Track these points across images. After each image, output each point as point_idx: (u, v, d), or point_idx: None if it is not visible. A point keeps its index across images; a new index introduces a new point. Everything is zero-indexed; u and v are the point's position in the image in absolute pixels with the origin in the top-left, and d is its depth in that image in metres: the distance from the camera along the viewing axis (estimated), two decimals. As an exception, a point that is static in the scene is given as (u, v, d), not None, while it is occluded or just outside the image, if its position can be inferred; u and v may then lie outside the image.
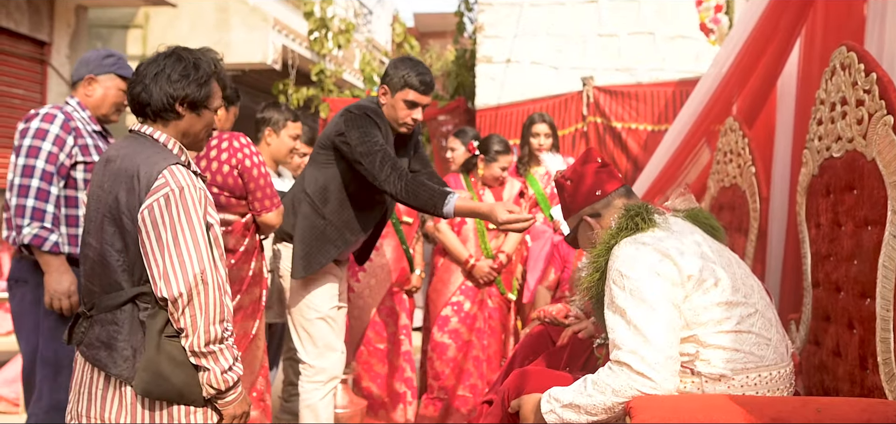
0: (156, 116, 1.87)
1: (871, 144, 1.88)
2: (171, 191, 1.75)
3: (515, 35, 5.83)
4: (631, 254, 1.81)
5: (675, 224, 1.94)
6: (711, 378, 1.77)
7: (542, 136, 4.05)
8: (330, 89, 7.92)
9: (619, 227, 1.91)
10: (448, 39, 8.54)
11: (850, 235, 2.00)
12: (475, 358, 3.80)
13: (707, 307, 1.78)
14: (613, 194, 2.06)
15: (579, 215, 2.10)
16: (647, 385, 1.70)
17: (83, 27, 7.41)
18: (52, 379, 2.56)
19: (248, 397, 1.92)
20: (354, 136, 2.69)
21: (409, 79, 2.76)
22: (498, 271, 3.79)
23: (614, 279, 1.81)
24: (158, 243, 1.74)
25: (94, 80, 2.69)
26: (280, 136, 3.39)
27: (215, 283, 1.77)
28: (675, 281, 1.77)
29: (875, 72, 1.88)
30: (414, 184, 2.63)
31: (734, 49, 3.39)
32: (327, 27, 8.07)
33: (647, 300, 1.74)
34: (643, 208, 1.93)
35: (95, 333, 1.83)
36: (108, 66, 2.71)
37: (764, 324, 1.82)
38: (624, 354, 1.73)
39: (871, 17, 2.54)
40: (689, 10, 4.72)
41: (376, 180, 2.66)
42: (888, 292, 1.77)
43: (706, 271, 1.79)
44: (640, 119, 5.25)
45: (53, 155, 2.54)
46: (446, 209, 2.56)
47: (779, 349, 1.84)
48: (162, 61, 1.86)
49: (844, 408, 1.68)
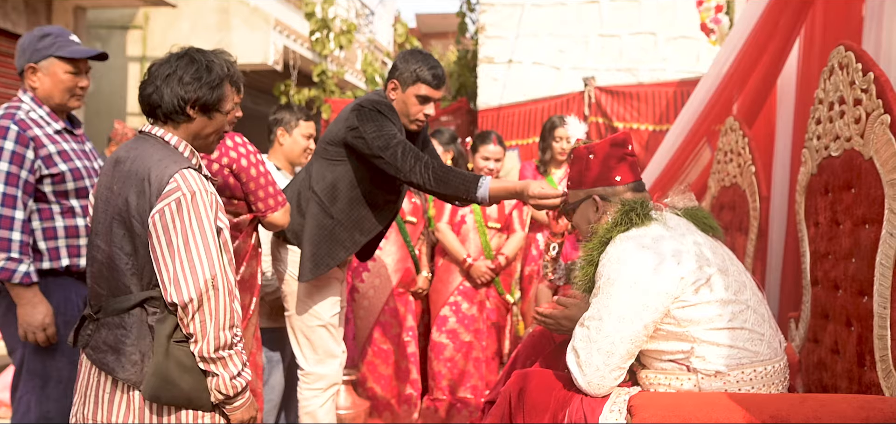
0: (166, 117, 1.85)
1: (868, 143, 1.90)
2: (182, 195, 1.74)
3: (517, 35, 5.85)
4: (622, 256, 1.83)
5: (672, 221, 1.95)
6: (707, 374, 1.79)
7: (565, 140, 4.07)
8: (332, 90, 7.93)
9: (615, 221, 1.92)
10: (450, 40, 8.56)
11: (848, 233, 2.01)
12: (476, 360, 3.81)
13: (700, 306, 1.79)
14: (627, 185, 2.05)
15: (590, 192, 2.08)
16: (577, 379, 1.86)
17: (82, 28, 7.42)
18: (39, 391, 2.40)
19: (255, 402, 1.91)
20: (370, 129, 2.56)
21: (421, 73, 2.66)
22: (496, 272, 3.80)
23: (600, 273, 1.86)
24: (169, 248, 1.73)
25: (35, 68, 2.38)
26: (292, 135, 3.37)
27: (225, 288, 1.76)
28: (664, 288, 1.78)
29: (872, 71, 1.89)
30: (443, 171, 2.48)
31: (734, 49, 3.40)
32: (329, 28, 8.08)
33: (618, 309, 1.79)
34: (639, 205, 1.94)
35: (102, 336, 1.82)
36: (45, 49, 2.37)
37: (757, 320, 1.84)
38: (570, 353, 1.88)
39: (869, 17, 2.56)
40: (690, 10, 4.73)
41: (400, 172, 2.51)
42: (885, 289, 1.78)
43: (700, 270, 1.80)
44: (641, 119, 5.26)
45: (13, 176, 2.27)
46: (480, 194, 2.43)
47: (772, 343, 1.86)
48: (174, 63, 1.85)
49: (842, 405, 1.69)
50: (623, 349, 1.81)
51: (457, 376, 3.79)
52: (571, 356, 1.88)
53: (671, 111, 5.03)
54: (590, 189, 2.08)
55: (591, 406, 1.86)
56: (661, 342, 1.83)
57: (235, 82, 1.95)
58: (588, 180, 2.08)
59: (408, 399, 3.82)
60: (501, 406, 2.13)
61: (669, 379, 1.84)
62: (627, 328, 1.79)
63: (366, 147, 2.59)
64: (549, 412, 1.96)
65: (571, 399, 1.91)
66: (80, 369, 1.91)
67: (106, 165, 1.91)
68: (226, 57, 1.94)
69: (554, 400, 1.96)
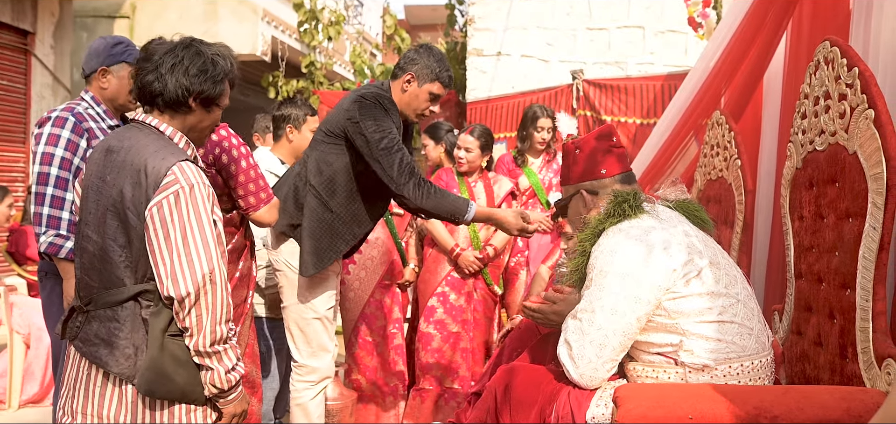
0: (166, 106, 1.83)
1: (853, 138, 1.91)
2: (181, 188, 1.72)
3: (506, 28, 5.85)
4: (614, 248, 1.84)
5: (664, 213, 1.96)
6: (695, 368, 1.80)
7: (545, 130, 4.12)
8: (320, 81, 7.90)
9: (607, 212, 1.93)
10: (439, 32, 8.53)
11: (831, 227, 2.03)
12: (463, 350, 3.82)
13: (690, 298, 1.80)
14: (615, 177, 2.06)
15: (577, 187, 2.09)
16: (569, 372, 1.85)
17: (68, 17, 7.34)
18: None
19: (247, 395, 1.90)
20: (370, 126, 2.61)
21: (439, 73, 2.76)
22: (484, 262, 3.81)
23: (592, 265, 1.86)
24: (166, 241, 1.71)
25: (107, 71, 2.67)
26: (301, 131, 3.40)
27: (222, 282, 1.75)
28: (655, 281, 1.79)
29: (857, 66, 1.91)
30: (437, 195, 2.65)
31: (722, 44, 3.42)
32: (317, 19, 8.03)
33: (611, 302, 1.79)
34: (632, 196, 1.94)
35: (93, 329, 1.79)
36: (119, 55, 2.69)
37: (746, 314, 1.85)
38: (562, 345, 1.88)
39: (856, 13, 2.57)
40: (678, 4, 4.75)
41: (393, 183, 2.61)
42: (868, 282, 1.80)
43: (691, 263, 1.81)
44: (629, 113, 5.28)
45: (67, 161, 2.54)
46: (467, 217, 2.67)
47: (760, 338, 1.87)
48: (180, 52, 1.82)
49: (824, 397, 1.71)
50: (615, 342, 1.81)
51: (444, 367, 3.79)
52: (563, 348, 1.88)
53: (659, 105, 5.05)
54: (577, 184, 2.09)
55: (578, 401, 1.87)
56: (650, 334, 1.84)
57: (233, 81, 1.94)
58: (575, 175, 2.10)
59: (394, 391, 3.83)
60: (487, 401, 2.12)
61: (657, 372, 1.85)
62: (620, 320, 1.80)
63: (365, 145, 2.63)
64: (537, 407, 1.96)
65: (559, 394, 1.91)
66: (67, 360, 1.88)
67: (95, 152, 1.87)
68: (228, 53, 1.93)
69: (542, 395, 1.96)
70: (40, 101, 7.05)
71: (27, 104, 7.03)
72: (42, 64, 7.02)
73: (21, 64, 6.94)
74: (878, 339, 1.77)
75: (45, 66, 7.04)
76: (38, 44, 6.97)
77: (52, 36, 7.14)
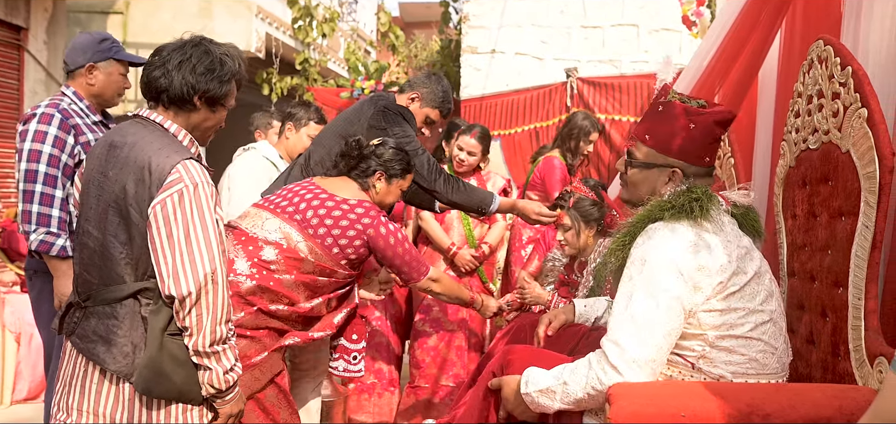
0: (170, 103, 1.81)
1: (846, 137, 1.92)
2: (185, 187, 1.71)
3: (500, 26, 5.84)
4: (663, 243, 1.73)
5: (723, 219, 1.82)
6: (710, 377, 1.77)
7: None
8: (314, 79, 7.88)
9: (672, 203, 1.77)
10: (433, 29, 8.51)
11: (824, 225, 2.03)
12: (458, 348, 3.82)
13: (726, 313, 1.74)
14: (709, 169, 1.89)
15: (675, 163, 1.84)
16: (616, 378, 1.71)
17: (61, 12, 7.30)
18: None
19: (243, 396, 1.90)
20: (398, 133, 2.80)
21: (441, 104, 3.02)
22: (480, 260, 3.81)
23: (637, 257, 1.74)
24: (169, 239, 1.70)
25: (94, 68, 2.65)
26: (299, 132, 3.49)
27: (223, 282, 1.74)
28: (699, 284, 1.71)
29: (851, 65, 1.91)
30: (465, 188, 2.92)
31: (716, 42, 3.42)
32: (312, 16, 8.02)
33: (657, 297, 1.69)
34: (705, 196, 1.78)
35: (91, 325, 1.77)
36: (107, 51, 2.67)
37: (774, 333, 1.80)
38: (608, 343, 1.74)
39: (848, 11, 2.58)
40: (672, 3, 4.75)
41: (425, 181, 2.83)
42: (860, 281, 1.81)
43: (735, 277, 1.74)
44: (623, 110, 5.29)
45: (55, 157, 2.52)
46: (493, 208, 2.95)
47: (782, 358, 1.83)
48: (189, 50, 1.81)
49: (816, 394, 1.71)
50: (662, 343, 1.71)
51: (439, 364, 3.79)
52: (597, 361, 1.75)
53: (653, 103, 5.05)
54: (674, 160, 1.84)
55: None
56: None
57: (240, 82, 1.92)
58: (675, 146, 1.82)
59: (386, 387, 3.83)
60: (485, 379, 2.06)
61: (671, 371, 1.80)
62: (664, 319, 1.70)
63: None
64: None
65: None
66: (64, 356, 1.86)
67: (96, 147, 1.85)
68: (238, 54, 1.92)
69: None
70: (33, 97, 7.00)
71: (20, 100, 6.98)
72: (35, 60, 6.98)
73: (14, 60, 6.89)
74: (870, 337, 1.77)
75: (39, 61, 7.00)
76: (31, 39, 6.92)
77: (45, 31, 7.10)
